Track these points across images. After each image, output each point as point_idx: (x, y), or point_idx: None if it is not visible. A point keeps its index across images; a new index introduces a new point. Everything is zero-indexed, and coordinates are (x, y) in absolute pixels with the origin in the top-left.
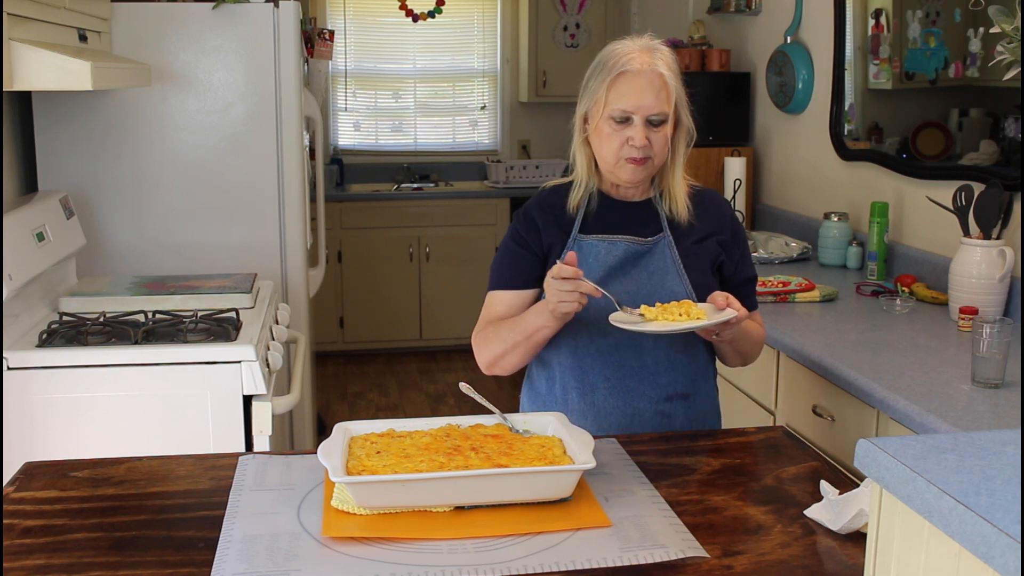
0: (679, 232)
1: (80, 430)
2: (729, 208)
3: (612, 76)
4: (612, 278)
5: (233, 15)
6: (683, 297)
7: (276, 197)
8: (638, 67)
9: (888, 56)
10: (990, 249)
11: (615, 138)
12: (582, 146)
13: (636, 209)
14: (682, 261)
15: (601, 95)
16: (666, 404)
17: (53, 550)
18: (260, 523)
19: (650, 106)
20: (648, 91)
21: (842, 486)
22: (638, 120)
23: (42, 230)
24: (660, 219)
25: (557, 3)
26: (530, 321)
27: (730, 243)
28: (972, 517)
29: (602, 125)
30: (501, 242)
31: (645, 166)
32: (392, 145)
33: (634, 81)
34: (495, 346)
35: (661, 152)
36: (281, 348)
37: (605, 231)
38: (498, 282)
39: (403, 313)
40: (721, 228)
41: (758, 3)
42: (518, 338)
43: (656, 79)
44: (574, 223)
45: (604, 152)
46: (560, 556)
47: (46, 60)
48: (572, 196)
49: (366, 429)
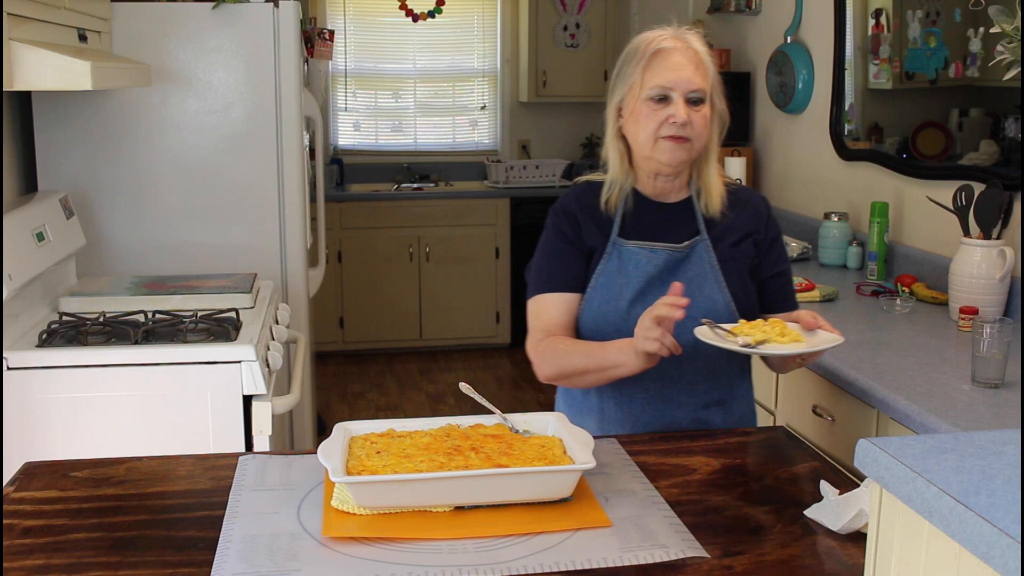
0: (716, 233)
1: (80, 430)
2: (766, 205)
3: (647, 56)
4: (652, 287)
5: (233, 15)
6: (721, 304)
7: (276, 197)
8: (673, 44)
9: (888, 56)
10: (990, 249)
11: (653, 118)
12: (615, 141)
13: (672, 211)
14: (720, 266)
15: (636, 78)
16: (703, 411)
17: (53, 550)
18: (260, 523)
19: (689, 80)
20: (687, 66)
21: (842, 486)
22: (678, 96)
23: (42, 230)
24: (697, 220)
25: (557, 3)
26: (611, 356)
27: (766, 242)
28: (972, 517)
29: (639, 107)
30: (542, 242)
31: (685, 146)
32: (392, 145)
33: (671, 58)
34: (562, 364)
35: (701, 134)
36: (281, 348)
37: (643, 236)
38: (546, 284)
39: (403, 313)
40: (757, 227)
41: (758, 3)
42: (590, 366)
43: (693, 55)
44: (612, 225)
45: (641, 135)
46: (560, 556)
47: (46, 60)
48: (607, 196)
49: (366, 429)
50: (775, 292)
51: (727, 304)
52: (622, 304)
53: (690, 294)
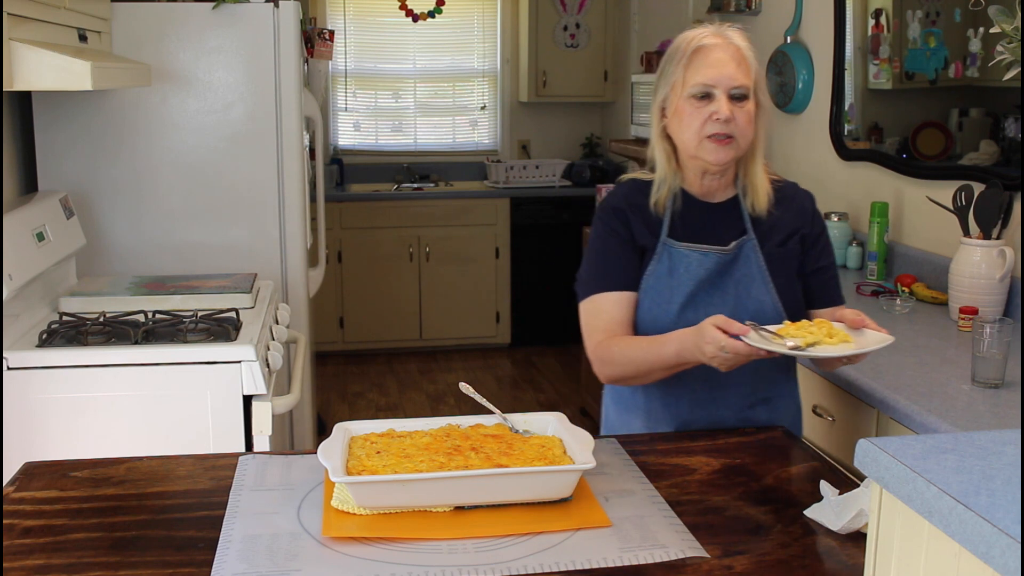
0: (762, 232)
1: (80, 430)
2: (811, 200)
3: (688, 54)
4: (702, 291)
5: (233, 15)
6: (769, 306)
7: (276, 197)
8: (714, 41)
9: (888, 56)
10: (990, 249)
11: (696, 116)
12: (660, 140)
13: (719, 210)
14: (767, 266)
15: (679, 76)
16: (749, 411)
17: (53, 550)
18: (260, 523)
19: (731, 76)
20: (729, 62)
21: (842, 486)
22: (720, 93)
23: (42, 230)
24: (743, 219)
25: (557, 3)
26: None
27: (811, 237)
28: (972, 517)
29: (682, 105)
30: (592, 243)
31: (730, 146)
32: (392, 145)
33: (712, 54)
34: (625, 368)
35: (746, 131)
36: (281, 348)
37: (693, 237)
38: (602, 283)
39: (403, 313)
40: (803, 223)
41: (758, 3)
42: (654, 364)
43: (735, 51)
44: (661, 225)
45: (685, 134)
46: (560, 556)
47: (46, 60)
48: (656, 196)
49: (366, 429)
50: (820, 287)
51: (774, 305)
52: (672, 308)
53: (737, 296)
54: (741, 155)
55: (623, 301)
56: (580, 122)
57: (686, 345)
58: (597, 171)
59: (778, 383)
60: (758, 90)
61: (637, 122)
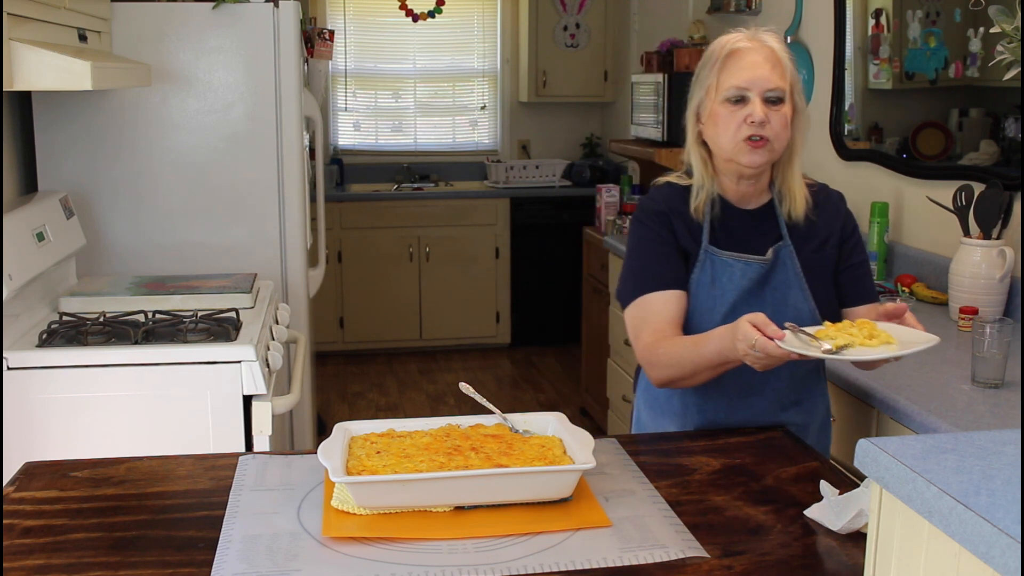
0: (798, 237)
1: (80, 430)
2: (843, 201)
3: (722, 58)
4: (744, 301)
5: (233, 15)
6: (807, 313)
7: (276, 197)
8: (748, 44)
9: (888, 56)
10: (990, 249)
11: (731, 120)
12: (696, 146)
13: (755, 217)
14: (804, 273)
15: (713, 80)
16: (783, 414)
17: (53, 550)
18: (260, 523)
19: (765, 79)
20: (762, 65)
21: (842, 486)
22: (754, 96)
23: (42, 230)
24: (779, 225)
25: (557, 3)
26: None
27: (845, 240)
28: (972, 517)
29: (717, 109)
30: (634, 247)
31: (765, 148)
32: (392, 145)
33: (746, 57)
34: (673, 370)
35: (781, 135)
36: (281, 348)
37: (732, 244)
38: (650, 283)
39: (403, 313)
40: (837, 226)
41: (758, 3)
42: (698, 364)
43: (769, 54)
44: (702, 232)
45: (721, 138)
46: (560, 556)
47: (46, 60)
48: (694, 200)
49: (366, 429)
50: (852, 284)
51: (811, 312)
52: (716, 318)
53: (775, 303)
54: (776, 159)
55: (672, 299)
56: (580, 122)
57: (725, 342)
58: (597, 171)
59: (810, 384)
60: (794, 93)
61: (637, 122)
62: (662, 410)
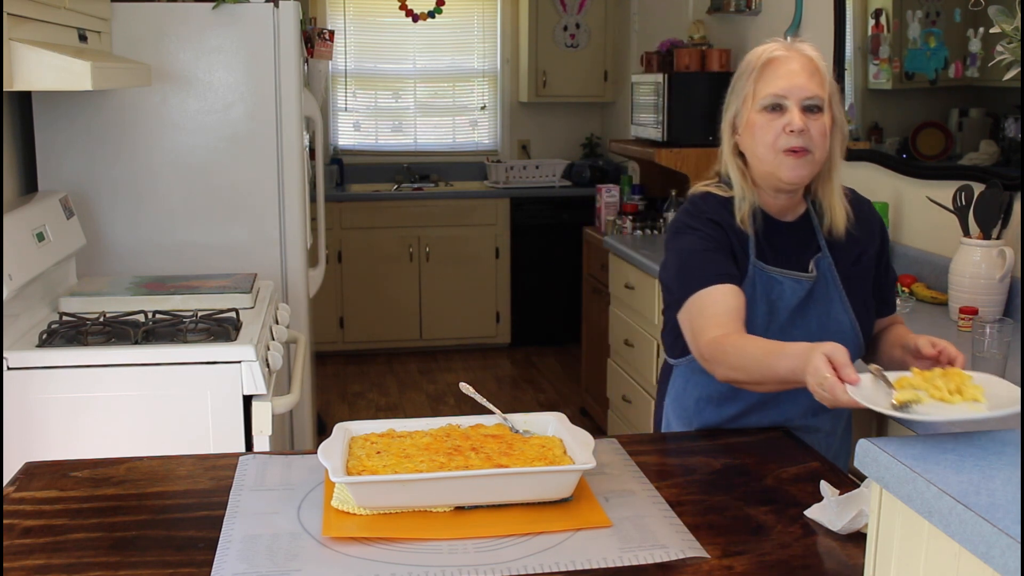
0: (837, 249)
1: (80, 430)
2: (877, 213)
3: (759, 67)
4: (792, 321)
5: (233, 15)
6: (848, 326)
7: (276, 197)
8: (785, 53)
9: (888, 56)
10: (990, 249)
11: (769, 129)
12: (733, 158)
13: (794, 229)
14: (843, 285)
15: (749, 89)
16: (812, 419)
17: (53, 550)
18: (260, 523)
19: (803, 87)
20: (800, 73)
21: (842, 486)
22: (792, 104)
23: (42, 230)
24: (817, 237)
25: (557, 3)
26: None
27: (881, 252)
28: (972, 517)
29: (754, 118)
30: (688, 246)
31: (806, 159)
32: (392, 145)
33: (783, 65)
34: (737, 373)
35: (821, 145)
36: (281, 348)
37: (778, 260)
38: (709, 279)
39: (403, 313)
40: (874, 237)
41: (758, 3)
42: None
43: (807, 62)
44: (748, 244)
45: (759, 149)
46: (560, 556)
47: (46, 60)
48: (739, 212)
49: (366, 429)
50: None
51: (852, 324)
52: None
53: (819, 317)
54: (817, 171)
55: (732, 293)
56: (580, 122)
57: (799, 364)
58: (597, 171)
59: None
60: (833, 103)
61: (637, 122)
62: (690, 424)
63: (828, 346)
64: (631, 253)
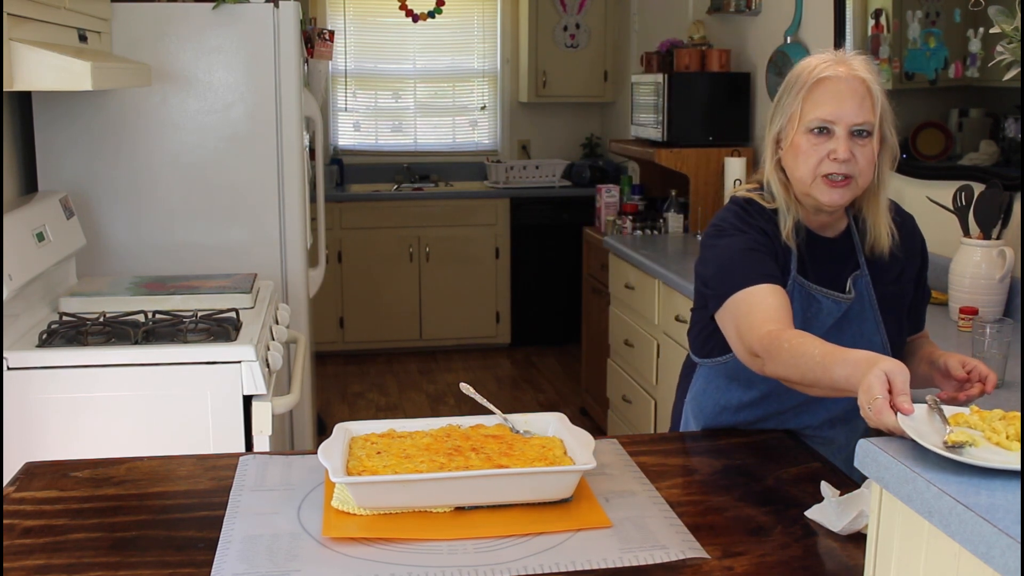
0: (877, 268)
1: (80, 430)
2: (920, 232)
3: (808, 85)
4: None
5: (233, 15)
6: (878, 346)
7: (276, 197)
8: (837, 73)
9: (888, 56)
10: (990, 249)
11: (813, 153)
12: (775, 172)
13: (834, 245)
14: (879, 304)
15: (796, 108)
16: (830, 430)
17: (53, 550)
18: (260, 523)
19: (853, 113)
20: (850, 98)
21: (843, 487)
22: (840, 131)
23: (42, 230)
24: (856, 253)
25: (557, 3)
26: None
27: (919, 272)
28: (972, 517)
29: (798, 139)
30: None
31: (848, 187)
32: (392, 145)
33: (834, 87)
34: (789, 371)
35: (866, 171)
36: (281, 348)
37: (817, 277)
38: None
39: (403, 313)
40: (914, 257)
41: (758, 3)
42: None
43: (859, 85)
44: (791, 259)
45: (800, 170)
46: (560, 557)
47: (46, 60)
48: (783, 226)
49: (366, 429)
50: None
51: (883, 344)
52: None
53: (853, 335)
54: (859, 195)
55: (780, 293)
56: (580, 122)
57: (856, 374)
58: (597, 171)
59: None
60: (883, 125)
61: (637, 122)
62: (707, 425)
63: (889, 363)
64: (631, 253)
